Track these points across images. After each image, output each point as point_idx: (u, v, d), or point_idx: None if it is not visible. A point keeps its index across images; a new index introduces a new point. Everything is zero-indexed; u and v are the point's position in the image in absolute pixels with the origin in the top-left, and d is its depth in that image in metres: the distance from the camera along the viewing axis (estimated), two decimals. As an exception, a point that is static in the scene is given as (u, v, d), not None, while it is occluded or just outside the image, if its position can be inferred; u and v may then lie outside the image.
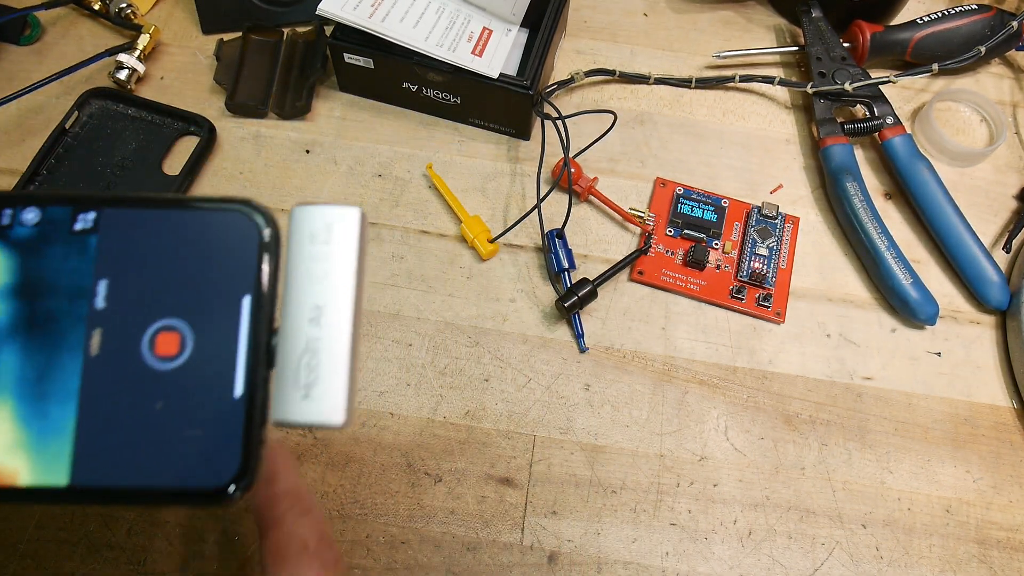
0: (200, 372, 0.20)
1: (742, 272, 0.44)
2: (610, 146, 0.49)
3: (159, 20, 0.52)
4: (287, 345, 0.20)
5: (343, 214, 0.21)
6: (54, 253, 0.20)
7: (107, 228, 0.20)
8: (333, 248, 0.21)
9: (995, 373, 0.43)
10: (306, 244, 0.21)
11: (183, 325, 0.20)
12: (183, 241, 0.20)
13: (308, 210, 0.21)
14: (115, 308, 0.20)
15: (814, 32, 0.51)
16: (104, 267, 0.20)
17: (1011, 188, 0.49)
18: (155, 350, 0.20)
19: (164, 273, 0.20)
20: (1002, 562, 0.38)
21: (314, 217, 0.21)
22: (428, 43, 0.45)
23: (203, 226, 0.20)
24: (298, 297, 0.20)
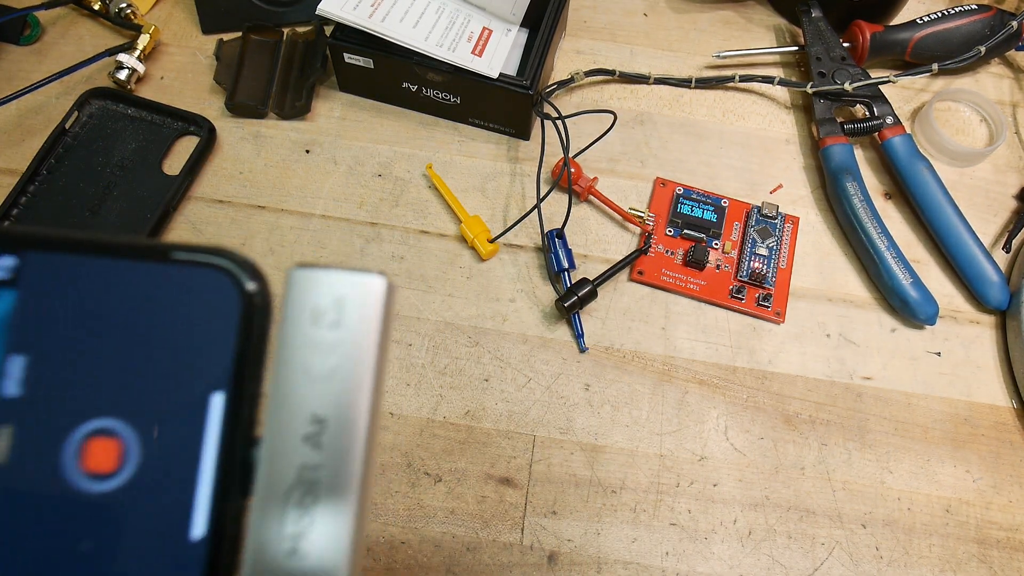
0: (146, 500, 0.14)
1: (742, 272, 0.44)
2: (610, 146, 0.49)
3: (159, 20, 0.52)
4: (272, 468, 0.15)
5: (362, 287, 0.15)
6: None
7: (30, 281, 0.15)
8: (344, 335, 0.15)
9: (995, 373, 0.43)
10: (306, 326, 0.15)
11: (126, 429, 0.15)
12: (133, 307, 0.15)
13: (312, 276, 0.15)
14: (33, 398, 0.15)
15: (814, 32, 0.51)
16: (21, 338, 0.15)
17: (1011, 188, 0.49)
18: (84, 463, 0.14)
19: (105, 352, 0.15)
20: (1002, 562, 0.38)
21: (320, 288, 0.15)
22: (428, 43, 0.45)
23: (163, 286, 0.15)
24: (291, 401, 0.15)
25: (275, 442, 0.15)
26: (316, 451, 0.15)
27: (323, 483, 0.14)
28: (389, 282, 0.16)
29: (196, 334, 0.15)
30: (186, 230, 0.45)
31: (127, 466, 0.15)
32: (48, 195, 0.44)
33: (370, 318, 0.15)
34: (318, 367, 0.15)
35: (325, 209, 0.46)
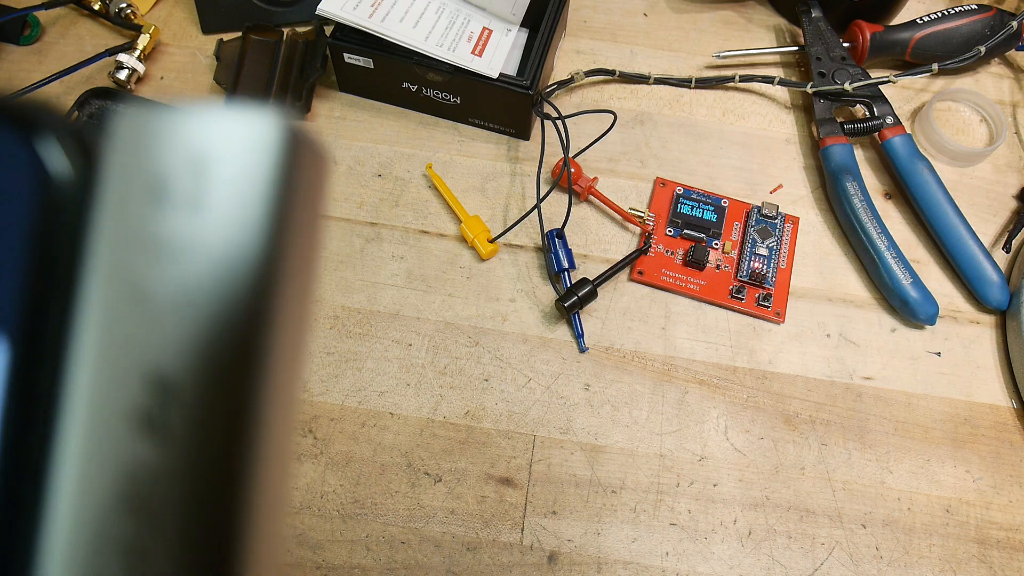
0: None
1: (742, 272, 0.44)
2: (610, 146, 0.49)
3: (159, 20, 0.52)
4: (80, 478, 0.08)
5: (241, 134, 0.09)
6: None
7: None
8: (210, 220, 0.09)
9: (995, 373, 0.43)
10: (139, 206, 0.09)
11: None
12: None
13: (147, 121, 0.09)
14: None
15: (814, 32, 0.51)
16: None
17: (1011, 188, 0.49)
18: None
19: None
20: (1002, 562, 0.38)
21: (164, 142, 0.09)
22: (428, 43, 0.45)
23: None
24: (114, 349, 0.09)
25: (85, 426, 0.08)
26: (152, 444, 0.08)
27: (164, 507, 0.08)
28: (298, 130, 0.09)
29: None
30: (186, 230, 0.45)
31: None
32: (48, 195, 0.44)
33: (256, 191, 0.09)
34: (162, 285, 0.08)
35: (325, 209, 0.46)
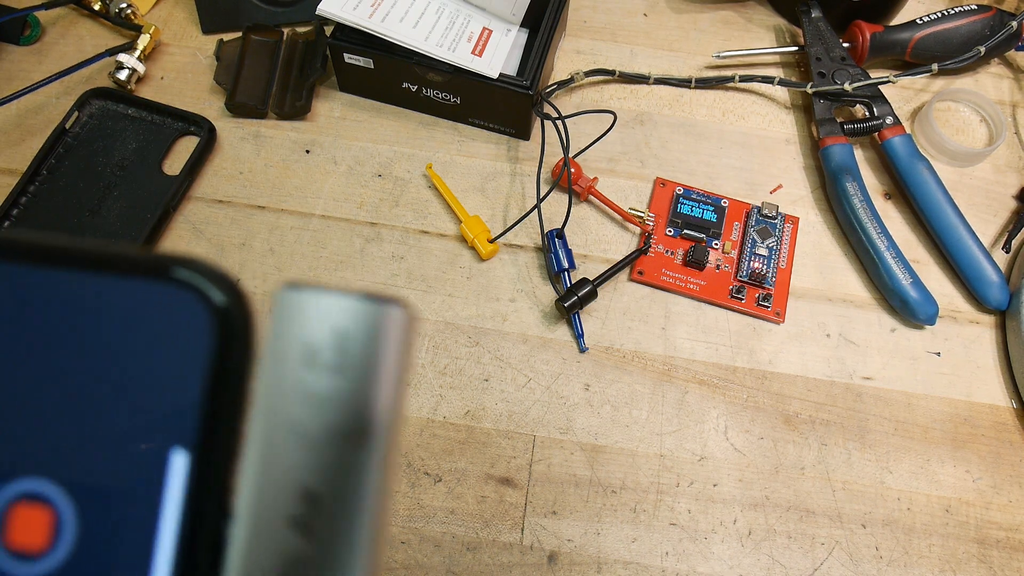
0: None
1: (742, 272, 0.44)
2: (610, 146, 0.49)
3: (159, 20, 0.52)
4: (247, 557, 0.11)
5: (373, 318, 0.11)
6: None
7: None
8: (346, 383, 0.11)
9: (995, 373, 0.43)
10: (297, 368, 0.11)
11: (60, 495, 0.11)
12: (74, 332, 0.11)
13: (305, 301, 0.11)
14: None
15: (814, 32, 0.51)
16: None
17: (1011, 188, 0.49)
18: (7, 536, 0.11)
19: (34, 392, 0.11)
20: (1002, 562, 0.39)
21: (316, 317, 0.11)
22: (428, 43, 0.45)
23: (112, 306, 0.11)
24: (275, 470, 0.11)
25: (253, 522, 0.11)
26: (305, 540, 0.11)
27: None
28: (410, 312, 0.12)
29: (153, 371, 0.11)
30: (186, 230, 0.45)
31: (61, 544, 0.11)
32: (48, 195, 0.44)
33: (383, 361, 0.11)
34: (311, 426, 0.11)
35: (325, 209, 0.46)
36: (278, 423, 0.11)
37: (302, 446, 0.11)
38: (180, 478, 0.11)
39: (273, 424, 0.11)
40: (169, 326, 0.11)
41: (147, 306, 0.11)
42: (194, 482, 0.11)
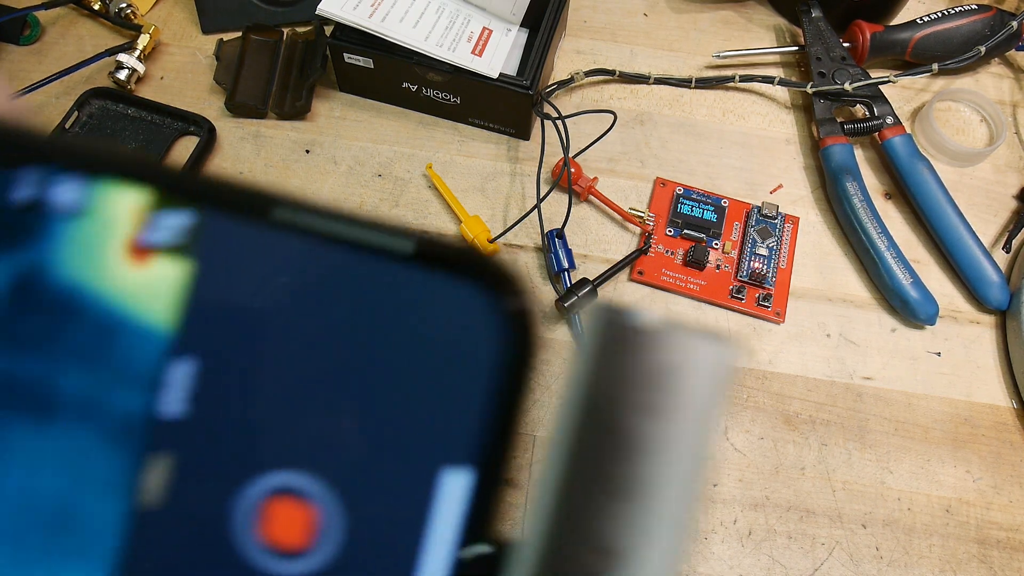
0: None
1: (742, 272, 0.44)
2: (610, 146, 0.49)
3: (159, 20, 0.52)
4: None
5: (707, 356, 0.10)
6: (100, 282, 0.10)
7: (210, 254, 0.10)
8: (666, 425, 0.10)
9: (995, 373, 0.43)
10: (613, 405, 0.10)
11: (324, 494, 0.10)
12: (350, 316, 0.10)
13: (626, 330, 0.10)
14: (201, 423, 0.10)
15: (814, 32, 0.51)
16: (192, 334, 0.10)
17: (1011, 188, 0.49)
18: (264, 531, 0.10)
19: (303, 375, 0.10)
20: (1002, 562, 0.38)
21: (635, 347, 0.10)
22: (428, 43, 0.45)
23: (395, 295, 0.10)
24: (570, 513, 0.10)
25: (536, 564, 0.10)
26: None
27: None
28: (738, 353, 0.10)
29: (443, 377, 0.10)
30: (186, 230, 0.45)
31: (321, 547, 0.10)
32: (48, 195, 0.44)
33: (708, 406, 0.10)
34: (620, 471, 0.10)
35: (325, 209, 0.46)
36: (579, 462, 0.10)
37: (605, 496, 0.10)
38: (456, 498, 0.10)
39: (576, 461, 0.10)
40: (459, 329, 0.10)
41: (448, 305, 0.10)
42: (470, 506, 0.10)
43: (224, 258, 0.10)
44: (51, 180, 0.10)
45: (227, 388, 0.10)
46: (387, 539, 0.10)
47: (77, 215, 0.10)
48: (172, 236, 0.10)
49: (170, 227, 0.10)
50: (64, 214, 0.10)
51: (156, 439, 0.10)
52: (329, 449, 0.10)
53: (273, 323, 0.10)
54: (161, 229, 0.10)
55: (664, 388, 0.10)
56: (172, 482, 0.10)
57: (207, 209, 0.10)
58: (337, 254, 0.10)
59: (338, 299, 0.10)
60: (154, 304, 0.10)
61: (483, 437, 0.10)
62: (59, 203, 0.10)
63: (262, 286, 0.10)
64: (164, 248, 0.10)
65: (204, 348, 0.10)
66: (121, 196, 0.10)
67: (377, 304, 0.10)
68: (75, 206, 0.10)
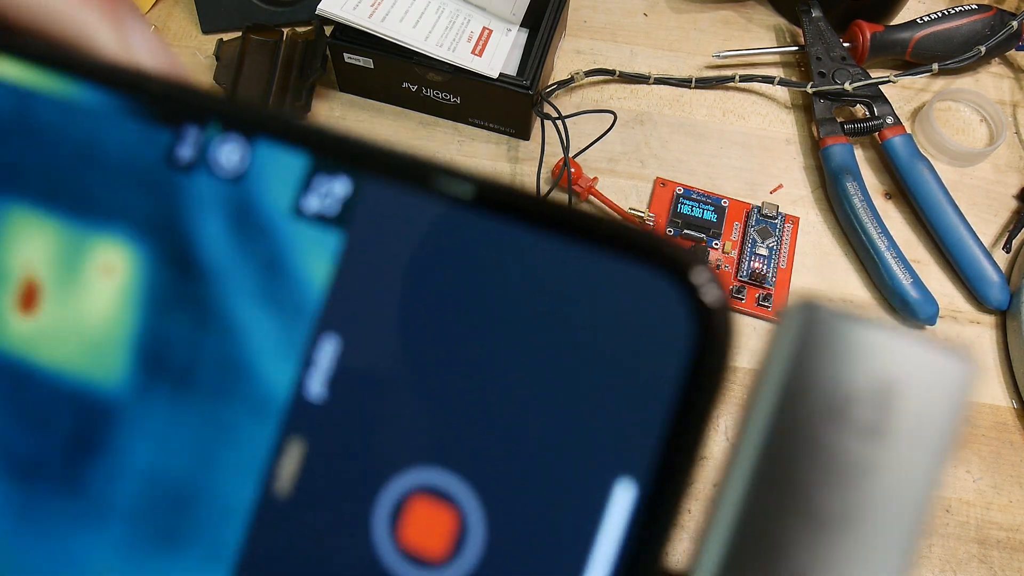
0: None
1: (742, 272, 0.44)
2: (610, 146, 0.49)
3: (159, 20, 0.52)
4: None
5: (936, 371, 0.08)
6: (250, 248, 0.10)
7: (367, 226, 0.10)
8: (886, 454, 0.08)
9: (995, 373, 0.43)
10: (815, 420, 0.09)
11: (469, 497, 0.09)
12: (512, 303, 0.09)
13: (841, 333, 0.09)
14: (341, 407, 0.09)
15: (814, 32, 0.51)
16: (341, 311, 0.10)
17: (1011, 188, 0.49)
18: (402, 533, 0.09)
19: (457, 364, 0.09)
20: (1002, 562, 0.38)
21: (853, 356, 0.09)
22: (428, 43, 0.45)
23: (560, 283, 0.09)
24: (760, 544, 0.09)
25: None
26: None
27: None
28: (977, 368, 0.09)
29: (605, 373, 0.09)
30: (186, 230, 0.45)
31: (463, 555, 0.09)
32: (48, 195, 0.44)
33: (935, 435, 0.09)
34: (822, 501, 0.08)
35: (325, 209, 0.46)
36: (773, 483, 0.09)
37: (803, 523, 0.08)
38: (622, 516, 0.09)
39: (765, 483, 0.09)
40: (639, 321, 0.09)
41: (616, 293, 0.09)
42: (638, 526, 0.09)
43: (379, 231, 0.09)
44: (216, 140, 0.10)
45: (372, 373, 0.09)
46: (540, 558, 0.09)
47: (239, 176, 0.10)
48: (330, 203, 0.10)
49: (329, 193, 0.10)
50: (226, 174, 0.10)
51: (297, 421, 0.09)
52: (479, 448, 0.09)
53: (426, 305, 0.09)
54: (319, 195, 0.10)
55: (888, 405, 0.08)
56: (307, 469, 0.09)
57: (366, 177, 0.10)
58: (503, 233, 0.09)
59: (494, 289, 0.09)
60: (307, 273, 0.10)
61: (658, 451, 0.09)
62: (222, 163, 0.10)
63: (418, 264, 0.09)
64: (321, 215, 0.10)
65: (352, 327, 0.09)
66: (284, 158, 0.10)
67: (548, 290, 0.09)
68: (238, 167, 0.10)
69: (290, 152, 0.10)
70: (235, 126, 0.10)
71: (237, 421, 0.10)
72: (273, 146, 0.10)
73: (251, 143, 0.10)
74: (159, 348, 0.10)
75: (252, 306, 0.10)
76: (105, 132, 0.10)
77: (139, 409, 0.10)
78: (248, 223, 0.10)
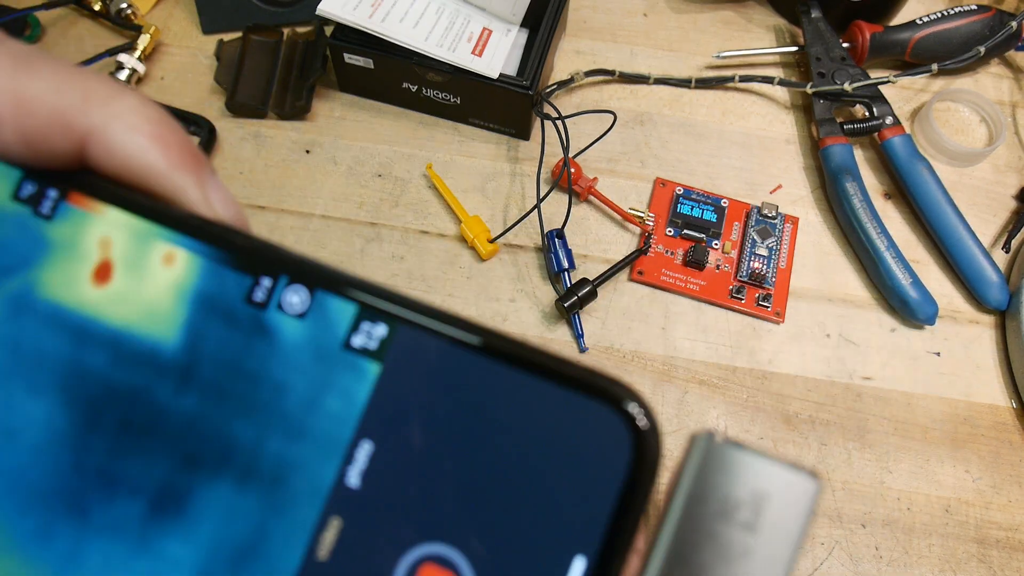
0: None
1: (742, 272, 0.44)
2: (610, 146, 0.49)
3: (159, 20, 0.52)
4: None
5: (792, 488, 0.12)
6: (310, 371, 0.13)
7: (396, 358, 0.13)
8: (756, 544, 0.12)
9: (994, 373, 0.43)
10: (711, 517, 0.12)
11: (466, 566, 0.12)
12: (501, 422, 0.12)
13: (732, 455, 0.12)
14: (371, 495, 0.12)
15: (814, 32, 0.51)
16: (375, 422, 0.13)
17: (1010, 188, 0.49)
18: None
19: (459, 466, 0.12)
20: (1002, 562, 0.39)
21: (743, 475, 0.12)
22: (428, 43, 0.45)
23: (539, 408, 0.12)
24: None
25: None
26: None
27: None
28: (821, 485, 0.12)
29: (570, 476, 0.12)
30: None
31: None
32: (48, 195, 0.44)
33: (792, 531, 0.12)
34: (716, 573, 0.12)
35: (325, 209, 0.46)
36: (683, 562, 0.12)
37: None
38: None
39: (678, 561, 0.12)
40: (593, 439, 0.12)
41: (577, 417, 0.12)
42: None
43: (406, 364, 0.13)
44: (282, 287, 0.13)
45: (396, 470, 0.13)
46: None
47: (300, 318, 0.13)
48: (371, 341, 0.13)
49: (371, 334, 0.13)
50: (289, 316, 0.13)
51: (337, 503, 0.12)
52: (473, 529, 0.12)
53: (437, 423, 0.13)
54: (363, 334, 0.13)
55: (760, 508, 0.12)
56: (343, 540, 0.12)
57: (401, 324, 0.13)
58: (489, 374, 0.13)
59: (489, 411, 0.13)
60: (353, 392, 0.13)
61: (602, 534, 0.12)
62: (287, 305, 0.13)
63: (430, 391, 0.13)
64: (364, 349, 0.13)
65: (380, 434, 0.13)
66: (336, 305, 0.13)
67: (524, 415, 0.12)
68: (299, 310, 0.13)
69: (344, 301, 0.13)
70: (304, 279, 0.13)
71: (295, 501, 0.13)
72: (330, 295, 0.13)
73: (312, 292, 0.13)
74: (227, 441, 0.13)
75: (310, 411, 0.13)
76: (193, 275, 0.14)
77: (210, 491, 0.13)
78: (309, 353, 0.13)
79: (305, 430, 0.13)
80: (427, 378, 0.13)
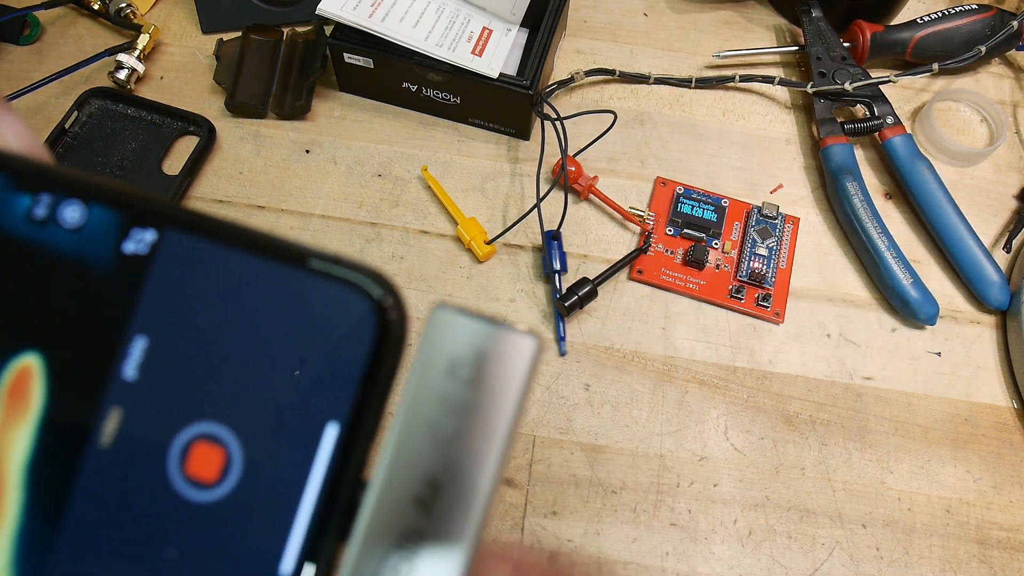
0: (239, 521, 0.13)
1: (742, 272, 0.44)
2: (610, 146, 0.49)
3: (159, 20, 0.52)
4: (374, 521, 0.13)
5: (510, 345, 0.13)
6: (85, 276, 0.14)
7: (164, 261, 0.14)
8: (479, 396, 0.13)
9: (995, 373, 0.43)
10: (440, 376, 0.13)
11: (233, 440, 0.14)
12: (261, 310, 0.14)
13: (456, 321, 0.14)
14: (147, 385, 0.14)
15: (814, 32, 0.51)
16: (146, 319, 0.14)
17: (1011, 188, 0.49)
18: (187, 467, 0.14)
19: (224, 353, 0.14)
20: (1002, 562, 0.38)
21: (463, 336, 0.13)
22: (428, 43, 0.45)
23: (296, 294, 0.14)
24: (408, 456, 0.13)
25: (383, 494, 0.13)
26: (424, 517, 0.13)
27: (425, 554, 0.13)
28: (540, 343, 0.14)
29: (321, 354, 0.14)
30: (186, 230, 0.45)
31: (227, 480, 0.13)
32: (48, 195, 0.44)
33: (511, 384, 0.13)
34: (444, 426, 0.13)
35: (325, 209, 0.46)
36: (417, 418, 0.13)
37: (434, 441, 0.13)
38: (330, 446, 0.13)
39: (413, 418, 0.13)
40: (342, 320, 0.14)
41: (328, 299, 0.14)
42: (340, 452, 0.13)
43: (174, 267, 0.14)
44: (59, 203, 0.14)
45: (164, 360, 0.14)
46: (277, 475, 0.14)
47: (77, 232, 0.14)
48: (141, 246, 0.14)
49: (141, 240, 0.14)
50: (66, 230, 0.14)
51: (115, 395, 0.14)
52: (239, 408, 0.14)
53: (202, 315, 0.14)
54: (134, 240, 0.14)
55: (482, 365, 0.13)
56: (122, 429, 0.14)
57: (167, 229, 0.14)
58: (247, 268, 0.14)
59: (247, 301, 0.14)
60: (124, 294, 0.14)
61: (351, 402, 0.13)
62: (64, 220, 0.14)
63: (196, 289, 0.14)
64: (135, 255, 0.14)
65: (152, 330, 0.14)
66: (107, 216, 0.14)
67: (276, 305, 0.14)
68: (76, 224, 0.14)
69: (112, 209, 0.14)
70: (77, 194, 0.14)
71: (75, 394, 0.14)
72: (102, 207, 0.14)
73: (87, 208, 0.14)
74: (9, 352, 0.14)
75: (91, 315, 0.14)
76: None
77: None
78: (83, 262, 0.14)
79: (85, 331, 0.14)
80: (192, 276, 0.14)
